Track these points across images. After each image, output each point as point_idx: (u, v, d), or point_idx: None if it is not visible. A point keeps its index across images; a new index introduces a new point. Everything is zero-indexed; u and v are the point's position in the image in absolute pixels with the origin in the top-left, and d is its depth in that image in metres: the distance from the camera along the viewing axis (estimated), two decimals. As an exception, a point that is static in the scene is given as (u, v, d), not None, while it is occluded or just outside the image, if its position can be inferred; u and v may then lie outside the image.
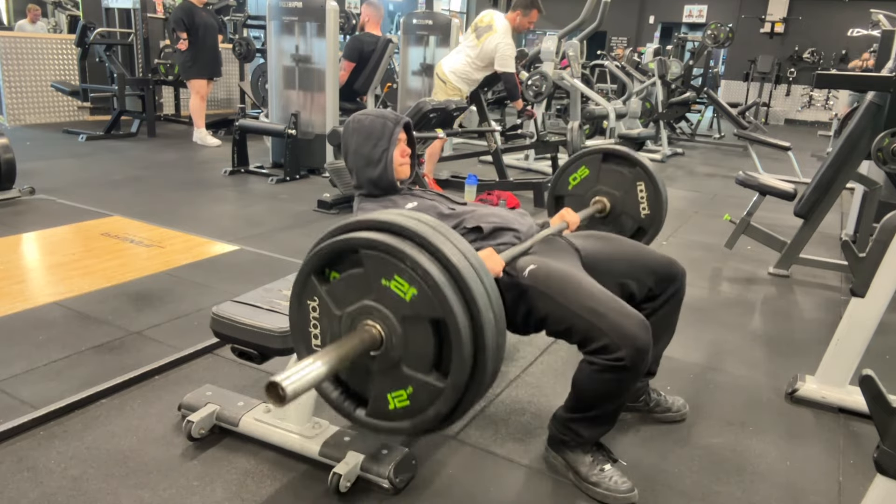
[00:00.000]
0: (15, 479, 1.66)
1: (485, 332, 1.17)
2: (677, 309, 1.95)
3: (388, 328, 1.22)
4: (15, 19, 10.39)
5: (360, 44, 6.02)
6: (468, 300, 1.17)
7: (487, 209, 1.89)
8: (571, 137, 5.17)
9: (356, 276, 1.26)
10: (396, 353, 1.23)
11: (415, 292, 1.18)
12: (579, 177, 2.32)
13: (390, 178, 1.85)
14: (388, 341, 1.23)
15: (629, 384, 1.59)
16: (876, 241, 2.03)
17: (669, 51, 9.77)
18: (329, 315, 1.30)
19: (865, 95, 3.33)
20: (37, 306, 2.69)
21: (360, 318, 1.25)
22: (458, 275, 1.17)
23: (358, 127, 1.87)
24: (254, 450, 1.81)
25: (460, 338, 1.16)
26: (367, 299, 1.24)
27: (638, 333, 1.53)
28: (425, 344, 1.21)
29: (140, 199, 4.52)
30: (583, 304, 1.57)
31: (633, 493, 1.67)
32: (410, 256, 1.17)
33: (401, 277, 1.19)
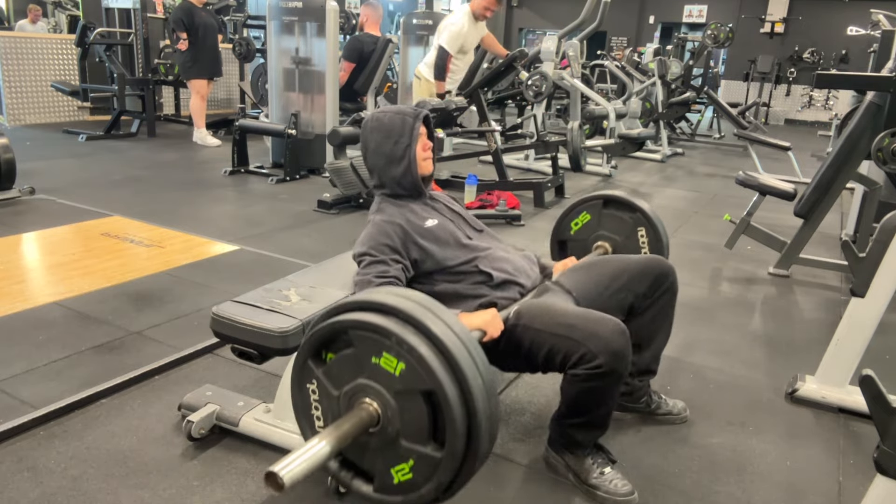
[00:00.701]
0: (15, 479, 1.66)
1: (475, 399, 1.23)
2: (671, 304, 1.95)
3: (383, 404, 1.28)
4: (15, 19, 10.39)
5: (359, 44, 6.02)
6: (454, 369, 1.23)
7: (501, 251, 1.89)
8: (571, 137, 5.17)
9: (349, 356, 1.32)
10: (394, 428, 1.29)
11: (403, 367, 1.24)
12: (581, 222, 2.37)
13: (414, 176, 1.84)
14: (384, 417, 1.29)
15: (613, 388, 1.60)
16: (876, 241, 2.03)
17: (669, 51, 9.76)
18: (328, 396, 1.36)
19: (865, 96, 3.33)
20: (37, 306, 2.69)
21: (356, 396, 1.31)
22: (442, 346, 1.23)
23: (377, 125, 1.85)
24: (254, 450, 1.82)
25: (450, 406, 1.21)
26: (360, 378, 1.30)
27: (612, 337, 1.55)
28: (420, 416, 1.26)
29: (140, 199, 4.52)
30: (557, 322, 1.63)
31: (632, 497, 1.67)
32: (395, 333, 1.24)
33: (388, 354, 1.26)
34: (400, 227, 1.78)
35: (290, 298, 1.77)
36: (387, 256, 1.73)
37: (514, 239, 4.05)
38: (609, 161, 6.41)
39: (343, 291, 1.82)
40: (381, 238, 1.75)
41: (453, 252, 1.81)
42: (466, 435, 1.23)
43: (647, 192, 5.78)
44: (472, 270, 1.80)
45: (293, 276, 1.98)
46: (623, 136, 6.14)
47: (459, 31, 4.91)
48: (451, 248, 1.82)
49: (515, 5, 16.21)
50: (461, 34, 4.92)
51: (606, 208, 2.33)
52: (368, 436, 1.30)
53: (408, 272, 1.77)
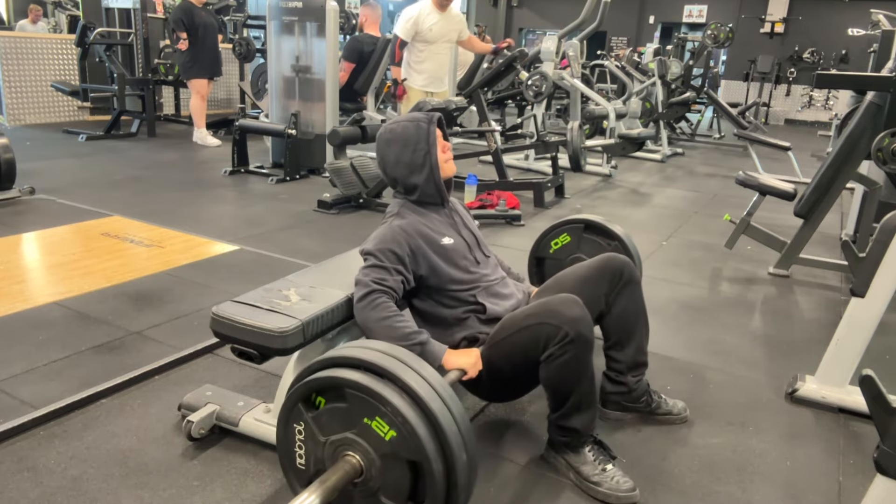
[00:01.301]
0: (15, 479, 1.66)
1: (457, 472, 1.30)
2: (635, 294, 1.99)
3: (368, 461, 1.35)
4: (15, 19, 10.39)
5: (359, 45, 6.02)
6: (443, 444, 1.29)
7: (501, 284, 1.95)
8: (571, 137, 5.17)
9: (341, 409, 1.37)
10: (375, 484, 1.36)
11: (394, 434, 1.30)
12: (561, 242, 2.47)
13: (437, 182, 1.88)
14: (367, 472, 1.35)
15: (586, 358, 1.65)
16: (876, 241, 2.03)
17: (669, 51, 9.77)
18: (314, 440, 1.41)
19: (865, 96, 3.33)
20: (37, 306, 2.69)
21: (342, 448, 1.37)
22: (435, 420, 1.29)
23: (392, 137, 1.87)
24: (254, 450, 1.82)
25: (434, 478, 1.29)
26: (349, 432, 1.36)
27: (565, 308, 1.65)
28: (402, 479, 1.32)
29: (140, 199, 4.52)
30: (517, 323, 1.73)
31: (634, 493, 1.67)
32: (391, 403, 1.29)
33: (382, 420, 1.31)
34: (415, 240, 1.82)
35: (290, 298, 1.77)
36: (390, 265, 1.76)
37: (514, 239, 4.05)
38: (609, 161, 6.41)
39: (343, 291, 1.82)
40: (391, 244, 1.78)
41: (459, 275, 1.86)
42: (445, 502, 1.31)
43: (647, 192, 5.79)
44: (469, 299, 1.86)
45: (293, 276, 1.98)
46: (623, 136, 6.15)
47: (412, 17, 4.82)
48: (458, 270, 1.87)
49: (515, 5, 16.21)
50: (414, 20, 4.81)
51: (587, 232, 2.43)
52: (352, 486, 1.36)
53: (407, 285, 1.81)
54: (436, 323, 1.88)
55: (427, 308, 1.89)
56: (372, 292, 1.71)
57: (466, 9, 16.43)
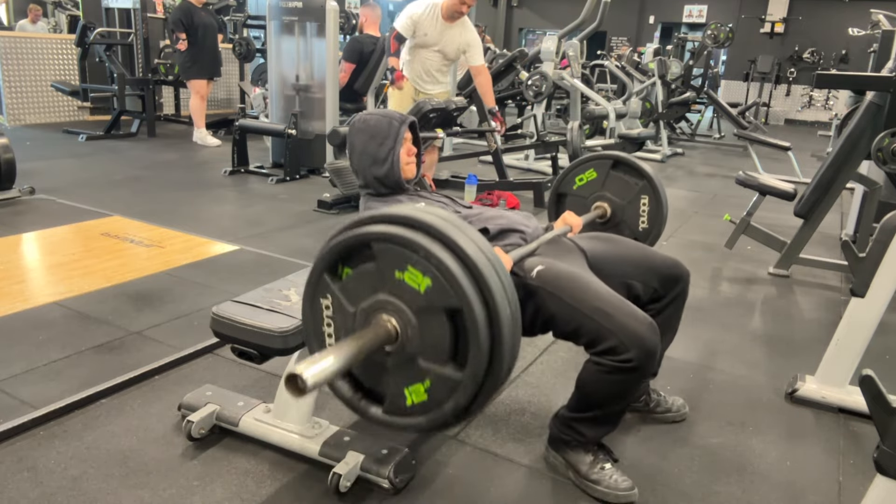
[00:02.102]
0: (15, 479, 1.66)
1: (501, 322, 1.15)
2: (680, 310, 1.95)
3: (403, 321, 1.20)
4: (15, 19, 10.39)
5: (359, 45, 6.02)
6: (483, 289, 1.15)
7: (494, 211, 1.89)
8: (571, 137, 5.17)
9: (369, 270, 1.23)
10: (412, 347, 1.21)
11: (429, 283, 1.16)
12: (586, 178, 2.32)
13: (397, 177, 1.85)
14: (403, 335, 1.21)
15: (635, 385, 1.60)
16: (876, 241, 2.03)
17: (669, 51, 9.77)
18: (343, 312, 1.28)
19: (865, 96, 3.34)
20: (37, 306, 2.69)
21: (374, 313, 1.22)
22: (473, 264, 1.15)
23: (363, 126, 1.87)
24: (254, 450, 1.81)
25: (477, 327, 1.14)
26: (381, 293, 1.22)
27: (647, 335, 1.53)
28: (441, 335, 1.18)
29: (140, 199, 4.52)
30: (591, 304, 1.57)
31: (633, 492, 1.67)
32: (423, 246, 1.15)
33: (415, 268, 1.17)
34: None
35: (290, 298, 1.77)
36: None
37: (514, 239, 4.04)
38: (609, 161, 6.39)
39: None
40: None
41: None
42: (489, 358, 1.17)
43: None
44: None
45: (293, 276, 1.98)
46: (623, 136, 6.14)
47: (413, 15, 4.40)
48: None
49: (515, 5, 16.21)
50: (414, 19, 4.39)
51: (615, 169, 2.28)
52: (384, 355, 1.23)
53: None
54: None
55: None
56: None
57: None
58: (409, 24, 4.48)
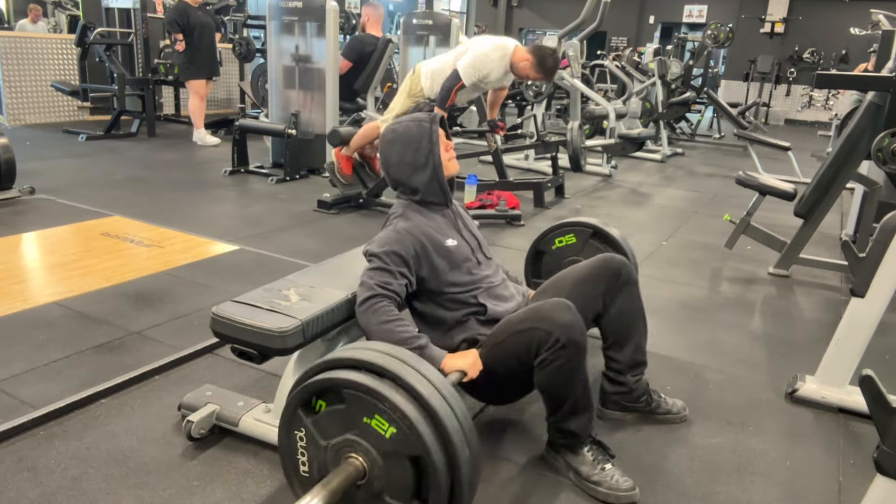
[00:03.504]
0: (15, 479, 1.66)
1: (460, 464, 1.29)
2: (633, 294, 1.99)
3: (371, 461, 1.34)
4: (15, 19, 10.39)
5: (360, 44, 6.02)
6: (444, 438, 1.28)
7: (502, 287, 1.95)
8: (571, 137, 5.17)
9: (340, 411, 1.37)
10: (379, 484, 1.34)
11: (394, 431, 1.30)
12: (565, 241, 2.45)
13: (441, 180, 1.87)
14: (370, 473, 1.34)
15: (578, 362, 1.65)
16: (876, 241, 2.03)
17: (669, 51, 9.78)
18: (315, 445, 1.41)
19: (865, 96, 3.33)
20: (37, 306, 2.69)
21: (344, 450, 1.36)
22: (435, 415, 1.28)
23: (395, 137, 1.88)
24: (254, 450, 1.82)
25: (437, 473, 1.28)
26: (350, 434, 1.37)
27: (556, 313, 1.64)
28: (405, 476, 1.31)
29: (140, 199, 4.52)
30: (511, 327, 1.73)
31: (634, 492, 1.68)
32: (388, 399, 1.29)
33: (381, 417, 1.31)
34: (420, 242, 1.82)
35: (290, 298, 1.77)
36: (395, 268, 1.76)
37: (514, 239, 4.05)
38: (609, 161, 6.41)
39: (343, 291, 1.82)
40: (395, 247, 1.78)
41: (460, 277, 1.86)
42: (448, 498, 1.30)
43: (647, 192, 5.79)
44: (469, 300, 1.86)
45: (293, 276, 1.98)
46: (623, 136, 6.15)
47: (487, 65, 3.93)
48: (459, 273, 1.86)
49: (515, 5, 16.21)
50: (486, 68, 3.94)
51: (594, 238, 2.41)
52: (355, 489, 1.35)
53: (410, 287, 1.82)
54: (435, 325, 1.88)
55: (427, 310, 1.89)
56: (375, 296, 1.71)
57: (466, 8, 16.44)
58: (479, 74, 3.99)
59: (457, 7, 16.25)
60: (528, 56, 3.98)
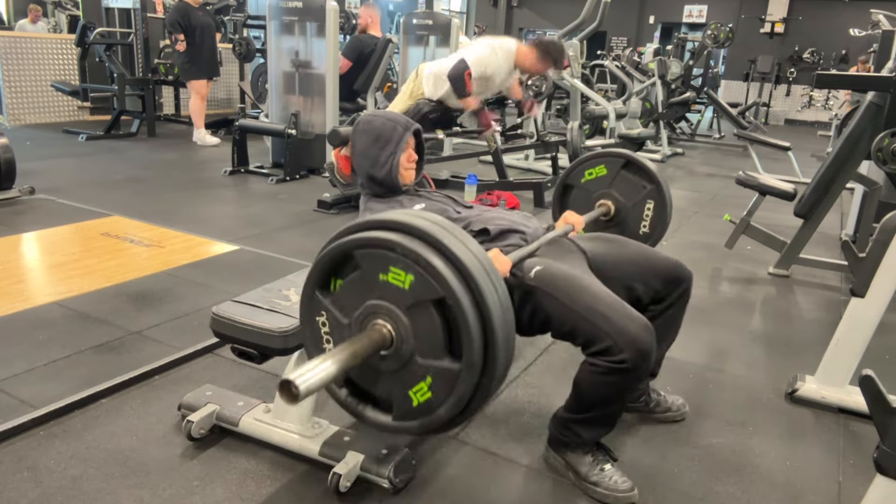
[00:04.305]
0: (15, 479, 1.66)
1: (488, 305, 1.16)
2: (682, 311, 1.95)
3: (395, 322, 1.22)
4: (15, 19, 10.39)
5: (360, 44, 6.02)
6: (465, 276, 1.17)
7: (494, 212, 1.89)
8: (571, 137, 5.17)
9: (356, 279, 1.26)
10: (408, 346, 1.22)
11: (412, 278, 1.19)
12: (596, 174, 2.30)
13: (394, 182, 1.86)
14: (397, 337, 1.22)
15: (630, 387, 1.60)
16: (876, 241, 2.03)
17: (669, 51, 9.78)
18: (338, 326, 1.30)
19: (865, 96, 3.34)
20: (37, 306, 2.69)
21: (367, 320, 1.25)
22: (450, 253, 1.17)
23: (367, 128, 1.87)
24: (254, 450, 1.81)
25: (464, 312, 1.15)
26: (370, 299, 1.24)
27: (641, 336, 1.52)
28: (433, 329, 1.20)
29: (140, 199, 4.52)
30: (587, 305, 1.57)
31: (633, 493, 1.67)
32: (399, 244, 1.18)
33: (396, 268, 1.20)
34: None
35: (289, 298, 1.77)
36: None
37: (514, 239, 4.04)
38: (609, 161, 6.39)
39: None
40: None
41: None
42: (483, 344, 1.18)
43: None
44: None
45: (293, 276, 1.98)
46: (623, 136, 6.15)
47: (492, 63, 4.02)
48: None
49: (515, 5, 16.21)
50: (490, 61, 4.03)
51: (625, 169, 2.28)
52: (382, 360, 1.25)
53: None
54: None
55: None
56: None
57: (466, 8, 16.44)
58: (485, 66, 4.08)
59: (457, 7, 16.25)
60: (532, 49, 4.04)
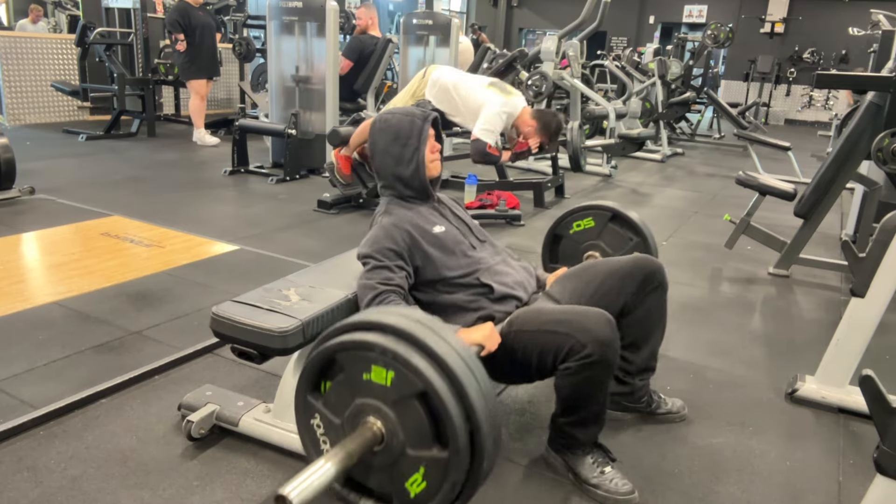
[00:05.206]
0: (15, 479, 1.66)
1: (468, 394, 1.22)
2: (662, 300, 1.96)
3: (384, 418, 1.29)
4: (15, 19, 10.39)
5: (360, 44, 6.02)
6: (443, 367, 1.23)
7: (502, 264, 1.91)
8: (571, 137, 5.17)
9: (342, 380, 1.34)
10: (398, 441, 1.28)
11: (393, 375, 1.25)
12: (584, 225, 2.38)
13: (422, 178, 1.85)
14: (387, 433, 1.29)
15: (604, 379, 1.62)
16: (876, 241, 2.03)
17: (669, 51, 9.77)
18: (332, 427, 1.36)
19: (865, 96, 3.33)
20: (37, 306, 2.69)
21: (358, 419, 1.31)
22: (426, 347, 1.24)
23: (385, 126, 1.86)
24: (254, 450, 1.82)
25: (444, 403, 1.21)
26: (357, 398, 1.31)
27: (599, 328, 1.58)
28: (420, 421, 1.26)
29: (140, 199, 4.52)
30: (545, 321, 1.67)
31: (633, 496, 1.67)
32: (377, 344, 1.25)
33: (377, 366, 1.26)
34: (407, 233, 1.79)
35: (290, 298, 1.77)
36: (391, 262, 1.74)
37: (515, 239, 4.05)
38: (609, 161, 6.41)
39: (343, 291, 1.81)
40: (386, 242, 1.76)
41: (456, 262, 1.83)
42: (467, 430, 1.22)
43: (647, 192, 5.79)
44: (472, 283, 1.82)
45: (293, 276, 1.98)
46: (623, 136, 6.15)
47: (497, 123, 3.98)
48: (454, 257, 1.83)
49: (515, 5, 16.21)
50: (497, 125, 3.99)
51: (612, 222, 2.35)
52: (374, 455, 1.30)
53: (410, 279, 1.79)
54: (444, 311, 1.82)
55: (431, 299, 1.84)
56: (380, 293, 1.67)
57: (466, 8, 16.44)
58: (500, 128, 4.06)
59: (457, 7, 16.25)
60: (533, 121, 4.02)
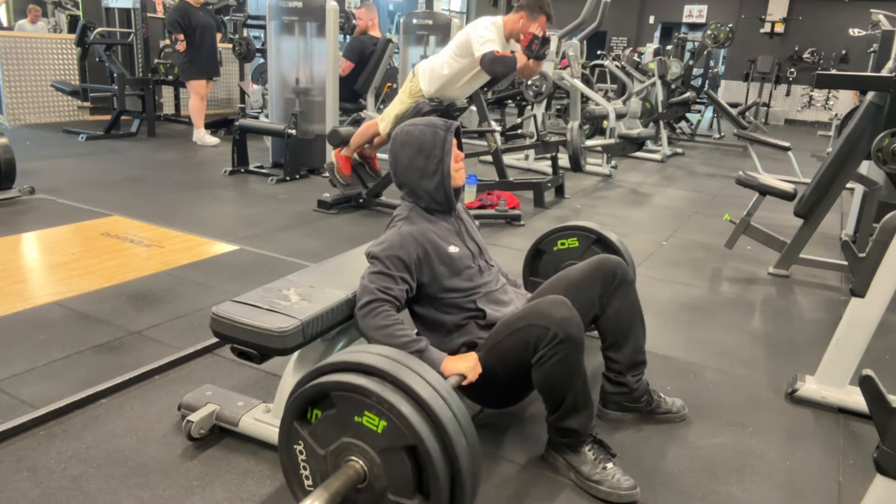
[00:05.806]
0: (15, 479, 1.66)
1: (457, 452, 1.26)
2: (629, 294, 2.00)
3: (369, 461, 1.32)
4: (15, 19, 10.39)
5: (360, 45, 6.02)
6: (436, 424, 1.26)
7: (501, 291, 1.95)
8: (571, 137, 5.17)
9: (332, 416, 1.36)
10: (380, 484, 1.32)
11: (385, 424, 1.28)
12: (567, 244, 2.45)
13: (447, 190, 1.88)
14: (370, 474, 1.33)
15: (576, 356, 1.66)
16: (876, 241, 2.03)
17: (669, 51, 9.77)
18: (315, 456, 1.40)
19: (865, 96, 3.33)
20: (37, 306, 2.69)
21: (342, 455, 1.35)
22: (423, 402, 1.27)
23: (408, 139, 1.87)
24: (254, 450, 1.82)
25: (433, 461, 1.25)
26: (345, 437, 1.35)
27: (553, 309, 1.66)
28: (404, 471, 1.29)
29: (140, 199, 4.52)
30: (507, 326, 1.74)
31: (635, 491, 1.68)
32: (375, 392, 1.27)
33: (370, 412, 1.29)
34: (422, 247, 1.82)
35: (289, 298, 1.77)
36: (396, 273, 1.77)
37: (514, 239, 4.05)
38: (609, 161, 6.41)
39: (343, 291, 1.82)
40: (398, 251, 1.79)
41: (460, 283, 1.86)
42: (450, 488, 1.27)
43: (647, 192, 5.79)
44: (468, 306, 1.87)
45: (293, 276, 1.98)
46: (623, 136, 6.15)
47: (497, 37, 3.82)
48: (460, 279, 1.87)
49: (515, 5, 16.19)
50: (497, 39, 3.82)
51: (596, 245, 2.41)
52: (357, 493, 1.34)
53: (410, 293, 1.82)
54: (435, 328, 1.89)
55: (426, 314, 1.90)
56: (375, 301, 1.71)
57: (466, 8, 16.43)
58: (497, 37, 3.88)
59: (457, 7, 16.24)
60: (518, 14, 3.86)
